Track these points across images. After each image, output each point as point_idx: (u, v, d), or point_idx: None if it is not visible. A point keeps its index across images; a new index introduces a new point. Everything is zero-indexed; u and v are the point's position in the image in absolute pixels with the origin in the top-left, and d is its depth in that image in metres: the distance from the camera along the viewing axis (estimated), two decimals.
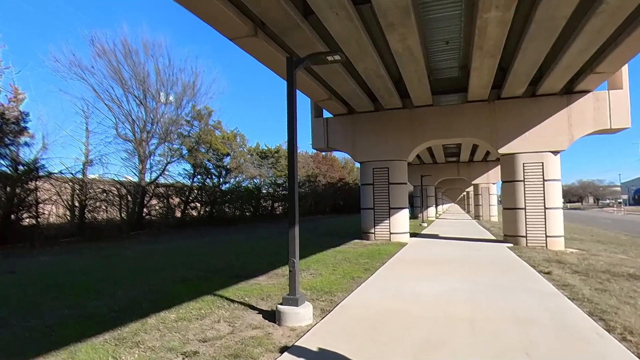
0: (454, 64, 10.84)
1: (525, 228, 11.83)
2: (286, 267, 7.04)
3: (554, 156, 11.79)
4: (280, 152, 33.56)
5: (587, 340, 3.76)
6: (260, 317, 4.72)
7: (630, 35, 7.58)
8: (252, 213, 29.35)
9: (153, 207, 21.10)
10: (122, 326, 4.38)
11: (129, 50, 19.70)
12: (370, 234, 13.78)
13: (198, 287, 6.36)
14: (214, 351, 3.64)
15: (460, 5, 7.62)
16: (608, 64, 9.16)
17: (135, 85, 20.05)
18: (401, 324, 4.34)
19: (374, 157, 13.74)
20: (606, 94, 11.29)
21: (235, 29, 7.20)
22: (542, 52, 8.55)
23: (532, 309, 4.87)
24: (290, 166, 4.94)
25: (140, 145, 20.09)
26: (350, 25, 7.25)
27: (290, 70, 4.97)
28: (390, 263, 8.72)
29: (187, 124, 23.76)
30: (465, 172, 30.36)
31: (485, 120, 12.39)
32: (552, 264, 8.33)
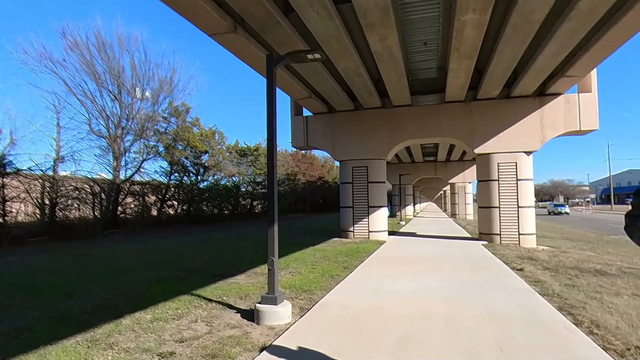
0: (432, 65, 11.02)
1: (500, 226, 12.16)
2: (265, 266, 7.00)
3: (527, 156, 12.16)
4: (260, 150, 33.32)
5: (556, 335, 3.90)
6: (238, 316, 4.68)
7: (599, 40, 7.89)
8: (230, 211, 29.03)
9: (128, 206, 20.57)
10: (95, 327, 4.26)
11: (102, 43, 19.13)
12: (350, 232, 13.87)
13: (175, 286, 6.25)
14: (191, 351, 3.59)
15: (438, 7, 7.74)
16: (578, 67, 9.50)
17: (110, 80, 19.49)
18: (380, 322, 4.39)
19: (353, 156, 13.82)
20: (576, 97, 11.71)
21: (214, 24, 7.09)
22: (517, 55, 8.80)
23: (505, 305, 5.01)
24: (269, 164, 4.92)
25: (114, 141, 19.54)
26: (331, 24, 7.26)
27: (270, 68, 4.94)
28: (369, 261, 8.80)
29: (164, 121, 23.29)
30: (442, 171, 30.91)
31: (462, 120, 12.65)
32: (524, 261, 8.59)
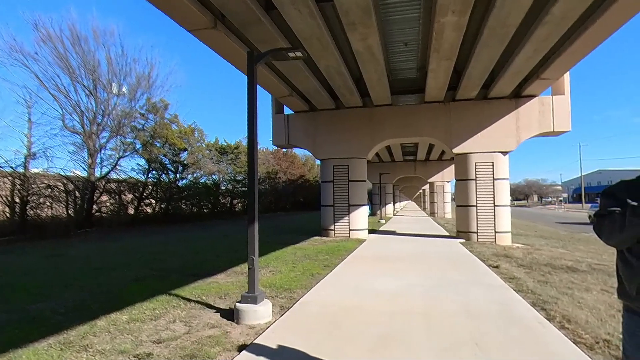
0: (412, 65, 11.16)
1: (477, 224, 12.43)
2: (245, 265, 6.96)
3: (503, 156, 12.47)
4: (240, 148, 33.01)
5: (530, 329, 4.02)
6: (218, 315, 4.63)
7: (572, 45, 8.15)
8: (210, 210, 28.68)
9: (104, 204, 20.06)
10: (68, 329, 4.13)
11: (77, 36, 18.54)
12: (330, 230, 13.91)
13: (152, 286, 6.13)
14: (169, 352, 3.53)
15: (419, 8, 7.84)
16: (552, 70, 9.80)
17: (85, 74, 18.91)
18: (360, 319, 4.42)
19: (334, 155, 13.86)
20: (550, 99, 12.08)
21: (194, 20, 6.96)
22: (494, 57, 9.01)
23: (482, 301, 5.13)
24: (250, 162, 4.88)
25: (89, 138, 18.98)
26: (313, 23, 7.25)
27: (251, 65, 4.89)
28: (349, 259, 8.85)
29: (142, 117, 22.77)
30: (422, 170, 31.36)
31: (441, 120, 12.86)
32: (500, 258, 8.82)
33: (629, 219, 1.60)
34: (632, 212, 1.59)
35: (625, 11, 6.74)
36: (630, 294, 1.74)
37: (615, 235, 1.69)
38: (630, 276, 1.74)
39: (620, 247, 1.76)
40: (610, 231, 1.71)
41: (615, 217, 1.66)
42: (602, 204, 1.80)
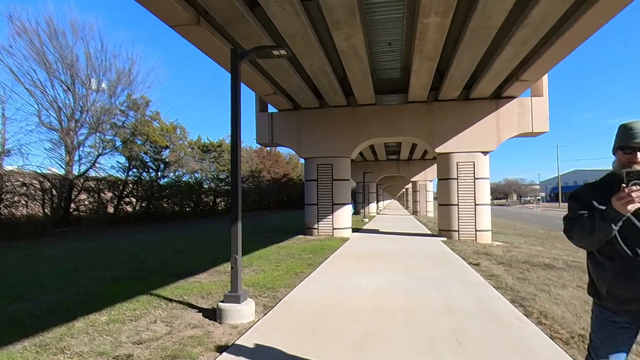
0: (396, 65, 11.25)
1: (458, 223, 12.64)
2: (228, 264, 6.90)
3: (484, 156, 12.71)
4: (223, 146, 32.70)
5: (509, 325, 4.12)
6: (200, 315, 4.58)
7: (551, 47, 8.36)
8: (192, 209, 28.30)
9: (82, 202, 19.53)
10: (45, 331, 4.02)
11: (54, 30, 17.97)
12: (314, 229, 13.92)
13: (132, 287, 6.02)
14: (150, 353, 3.47)
15: (402, 8, 7.91)
16: (531, 72, 10.03)
17: (62, 69, 18.36)
18: (343, 317, 4.44)
19: (318, 154, 13.87)
20: (529, 101, 12.36)
21: (176, 15, 6.85)
22: (476, 59, 9.16)
23: (462, 298, 5.22)
24: (233, 161, 4.83)
25: (67, 135, 18.46)
26: (297, 21, 7.23)
27: (234, 63, 4.85)
28: (332, 258, 8.88)
29: (122, 114, 22.28)
30: (405, 169, 31.66)
31: (423, 120, 13.01)
32: (480, 256, 8.99)
33: (597, 223, 1.67)
34: (601, 216, 1.66)
35: (601, 16, 6.95)
36: (601, 292, 1.83)
37: (586, 239, 1.77)
38: (601, 276, 1.82)
39: (591, 249, 1.85)
40: (580, 234, 1.78)
41: (585, 221, 1.74)
42: (571, 207, 1.89)
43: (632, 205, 1.57)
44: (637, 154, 1.72)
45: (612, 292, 1.77)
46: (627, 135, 1.75)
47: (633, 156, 1.73)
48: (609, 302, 1.82)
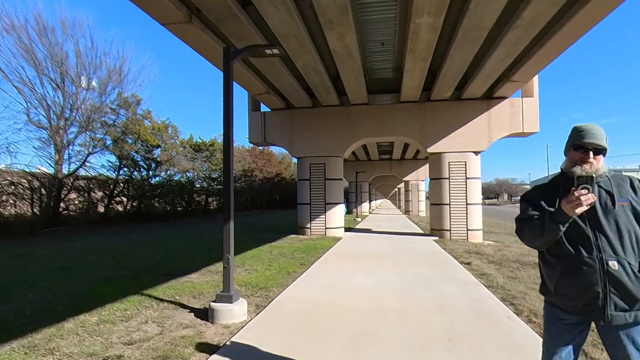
0: (388, 65, 11.28)
1: (450, 222, 12.72)
2: (220, 264, 6.87)
3: (475, 156, 12.81)
4: (216, 146, 32.50)
5: (499, 324, 4.16)
6: (192, 315, 4.55)
7: (541, 49, 8.46)
8: (184, 208, 28.10)
9: (72, 202, 19.28)
10: (33, 332, 3.96)
11: (43, 27, 17.69)
12: (307, 228, 13.92)
13: (123, 287, 5.96)
14: (141, 354, 3.44)
15: (395, 9, 7.93)
16: (522, 73, 10.14)
17: (52, 67, 18.07)
18: (335, 317, 4.45)
19: (311, 153, 13.86)
20: (520, 101, 12.49)
21: (168, 13, 6.80)
22: (467, 59, 9.22)
23: (454, 297, 5.26)
24: (225, 160, 4.81)
25: (56, 133, 18.20)
26: (290, 20, 7.22)
27: (227, 62, 4.82)
28: (325, 257, 8.88)
29: (113, 112, 21.98)
30: (397, 169, 31.81)
31: (416, 120, 13.08)
32: (472, 255, 9.06)
33: (547, 225, 1.78)
34: (550, 217, 1.78)
35: (590, 18, 7.04)
36: (550, 289, 1.94)
37: (536, 239, 1.87)
38: (549, 275, 1.93)
39: (541, 248, 1.95)
40: (531, 235, 1.89)
41: (535, 222, 1.85)
42: (522, 208, 2.00)
43: (580, 208, 1.68)
44: (589, 152, 1.83)
45: (560, 289, 1.87)
46: (580, 135, 1.87)
47: (585, 155, 1.84)
48: (558, 300, 1.92)
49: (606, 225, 1.76)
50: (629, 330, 1.75)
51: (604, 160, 1.88)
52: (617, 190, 1.80)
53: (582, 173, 1.75)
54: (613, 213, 1.76)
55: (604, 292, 1.73)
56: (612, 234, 1.75)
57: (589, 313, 1.81)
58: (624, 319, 1.73)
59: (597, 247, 1.75)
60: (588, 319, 1.85)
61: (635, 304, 1.71)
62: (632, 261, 1.72)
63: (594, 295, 1.75)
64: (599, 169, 1.84)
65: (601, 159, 1.86)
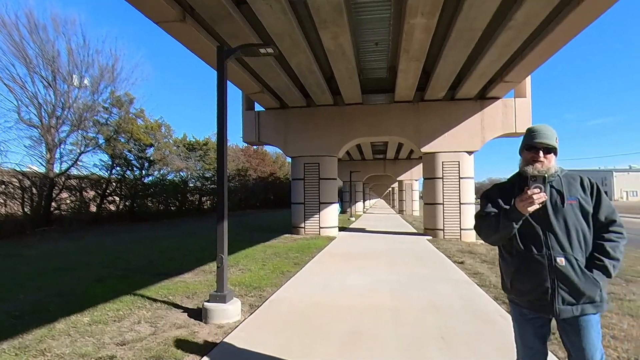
0: (382, 65, 11.30)
1: (443, 222, 12.79)
2: (214, 264, 6.84)
3: (469, 156, 12.89)
4: (209, 145, 32.33)
5: (492, 322, 4.19)
6: (185, 315, 4.53)
7: (534, 50, 8.53)
8: (177, 208, 27.94)
9: (63, 201, 19.09)
10: (24, 333, 3.92)
11: (35, 25, 17.46)
12: (301, 228, 13.91)
13: (116, 287, 5.92)
14: (134, 354, 3.42)
15: (389, 9, 7.95)
16: (515, 74, 10.21)
17: (43, 64, 17.85)
18: (330, 316, 4.45)
19: (305, 153, 13.85)
20: (513, 102, 12.58)
21: (161, 12, 6.75)
22: (461, 60, 9.27)
23: (447, 296, 5.29)
24: (219, 159, 4.80)
25: (48, 132, 17.99)
26: (284, 19, 7.20)
27: (220, 61, 4.81)
28: (319, 257, 8.89)
29: (105, 111, 21.76)
30: (391, 169, 31.89)
31: (410, 120, 13.12)
32: (465, 254, 9.12)
33: (502, 221, 1.88)
34: (504, 214, 1.88)
35: (582, 19, 7.11)
36: (507, 286, 2.04)
37: (492, 235, 1.98)
38: (506, 271, 2.03)
39: (496, 244, 2.05)
40: (487, 231, 2.00)
41: (491, 218, 1.95)
42: (481, 205, 2.10)
43: (533, 206, 1.78)
44: (539, 152, 1.92)
45: (514, 285, 1.98)
46: (531, 136, 1.96)
47: (536, 154, 1.92)
48: (514, 296, 2.01)
49: (555, 224, 1.85)
50: (578, 321, 1.84)
51: (555, 159, 1.96)
52: (567, 189, 1.89)
53: (534, 173, 1.85)
54: (562, 211, 1.86)
55: (552, 287, 1.83)
56: (560, 231, 1.84)
57: (540, 307, 1.90)
58: (571, 313, 1.82)
59: (546, 245, 1.85)
60: (540, 313, 1.94)
61: (582, 298, 1.81)
62: (579, 257, 1.82)
63: (543, 290, 1.85)
64: (550, 167, 1.92)
65: (552, 157, 1.94)
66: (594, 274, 1.80)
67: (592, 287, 1.79)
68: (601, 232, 1.87)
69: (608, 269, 1.80)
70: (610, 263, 1.80)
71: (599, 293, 1.81)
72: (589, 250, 1.86)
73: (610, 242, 1.83)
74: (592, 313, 1.83)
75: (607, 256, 1.81)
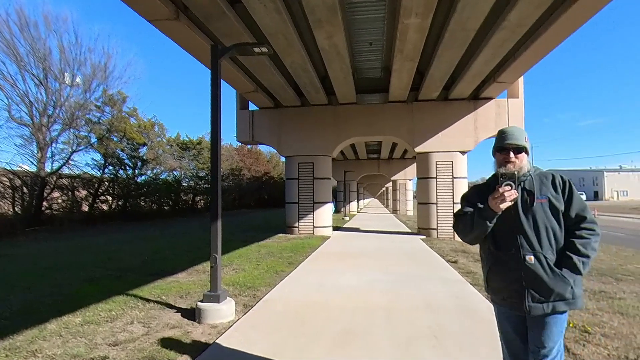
0: (377, 65, 11.32)
1: (437, 221, 12.85)
2: (207, 263, 6.81)
3: (462, 156, 12.97)
4: (203, 144, 32.19)
5: (484, 321, 4.21)
6: (178, 315, 4.51)
7: (526, 50, 8.59)
8: (171, 207, 27.81)
9: (55, 201, 18.92)
10: (14, 334, 3.88)
11: (26, 22, 17.27)
12: (295, 227, 13.90)
13: (108, 287, 5.87)
14: (126, 355, 3.40)
15: (384, 9, 7.96)
16: (508, 74, 10.29)
17: (34, 62, 17.66)
18: (323, 316, 4.46)
19: (299, 152, 13.84)
20: (506, 102, 12.67)
21: (154, 10, 6.69)
22: (455, 60, 9.32)
23: (441, 295, 5.32)
24: (213, 158, 4.78)
25: (39, 130, 17.79)
26: (278, 18, 7.19)
27: (214, 60, 4.78)
28: (313, 256, 8.89)
29: (97, 110, 21.58)
30: (385, 168, 31.96)
31: (404, 120, 13.16)
32: (458, 253, 9.16)
33: (476, 220, 1.92)
34: (478, 213, 1.92)
35: (573, 21, 7.18)
36: (485, 284, 2.10)
37: (468, 234, 2.02)
38: (483, 269, 2.09)
39: (473, 243, 2.09)
40: (463, 230, 2.03)
41: (467, 218, 1.99)
42: (460, 206, 2.15)
43: (505, 203, 1.82)
44: (510, 153, 1.97)
45: (490, 283, 2.06)
46: (502, 138, 2.02)
47: (507, 156, 1.98)
48: (491, 293, 2.08)
49: (525, 222, 1.89)
50: (547, 318, 1.87)
51: (527, 158, 2.00)
52: (538, 188, 1.93)
53: (505, 171, 1.89)
54: (532, 210, 1.89)
55: (522, 285, 1.87)
56: (529, 230, 1.88)
57: (513, 305, 1.95)
58: (542, 310, 1.85)
59: (516, 243, 1.89)
60: (514, 310, 1.97)
61: (551, 296, 1.84)
62: (548, 255, 1.85)
63: (515, 288, 1.89)
64: (522, 167, 1.96)
65: (523, 157, 1.99)
66: (563, 272, 1.82)
67: (562, 285, 1.82)
68: (573, 230, 1.89)
69: (577, 266, 1.81)
70: (579, 260, 1.81)
71: (570, 290, 1.83)
72: (560, 247, 1.88)
73: (581, 239, 1.85)
74: (563, 310, 1.86)
75: (577, 253, 1.83)
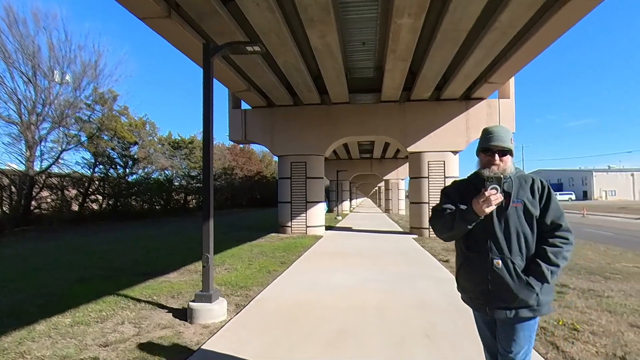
0: (369, 65, 11.35)
1: (429, 221, 12.90)
2: (199, 263, 6.77)
3: (454, 155, 13.06)
4: (195, 143, 32.00)
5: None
6: (170, 315, 4.47)
7: (517, 51, 8.68)
8: (162, 207, 27.61)
9: (44, 200, 18.68)
10: (2, 335, 3.82)
11: (14, 18, 17.00)
12: (287, 227, 13.88)
13: (98, 287, 5.81)
14: (117, 355, 3.36)
15: (376, 9, 7.98)
16: (499, 75, 10.38)
17: (22, 60, 17.40)
18: (316, 315, 4.45)
19: (292, 152, 13.82)
20: (497, 102, 12.78)
21: (146, 7, 6.63)
22: (447, 60, 9.38)
23: (432, 294, 5.35)
24: (205, 158, 4.75)
25: (28, 129, 17.54)
26: (271, 17, 7.17)
27: (206, 58, 4.75)
28: (306, 256, 8.88)
29: (88, 108, 21.32)
30: (378, 168, 32.06)
31: (396, 120, 13.21)
32: (450, 253, 9.22)
33: (457, 221, 1.89)
34: (460, 215, 1.87)
35: (564, 22, 7.26)
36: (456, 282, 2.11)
37: (445, 232, 2.00)
38: (455, 268, 2.10)
39: (448, 241, 2.10)
40: (441, 228, 2.01)
41: (447, 216, 1.95)
42: (440, 200, 2.12)
43: (490, 207, 1.78)
44: (495, 155, 1.91)
45: (459, 282, 2.07)
46: (487, 138, 1.95)
47: (492, 157, 1.92)
48: (460, 291, 2.09)
49: (497, 226, 1.86)
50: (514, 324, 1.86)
51: (512, 160, 1.96)
52: (516, 192, 1.88)
53: (490, 174, 1.84)
54: (505, 214, 1.85)
55: (488, 289, 1.85)
56: (500, 234, 1.85)
57: (477, 306, 1.97)
58: (505, 315, 1.84)
59: (486, 246, 1.86)
60: (477, 311, 2.00)
61: (516, 302, 1.81)
62: (516, 260, 1.81)
63: (480, 290, 1.89)
64: (507, 169, 1.91)
65: (508, 159, 1.94)
66: (530, 279, 1.78)
67: (527, 292, 1.78)
68: (547, 237, 1.84)
69: (545, 274, 1.76)
70: (547, 269, 1.76)
71: (535, 297, 1.79)
72: (531, 254, 1.84)
73: (553, 247, 1.80)
74: (527, 317, 1.83)
75: (547, 262, 1.77)
